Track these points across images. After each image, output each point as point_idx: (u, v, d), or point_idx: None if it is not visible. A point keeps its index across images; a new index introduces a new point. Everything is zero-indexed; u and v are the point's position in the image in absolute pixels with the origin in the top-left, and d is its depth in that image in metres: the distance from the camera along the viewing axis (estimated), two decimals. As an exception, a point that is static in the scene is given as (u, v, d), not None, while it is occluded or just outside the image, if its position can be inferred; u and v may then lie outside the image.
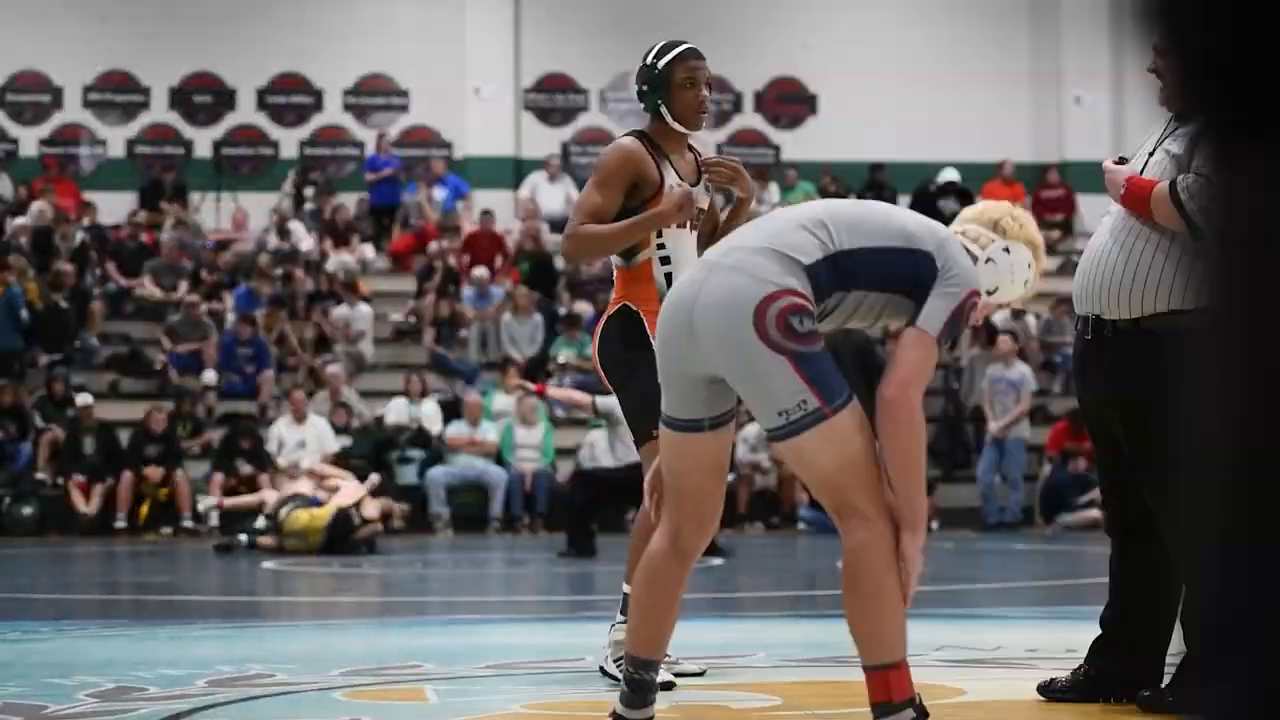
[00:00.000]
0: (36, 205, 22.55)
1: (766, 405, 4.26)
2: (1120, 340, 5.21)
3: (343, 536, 15.57)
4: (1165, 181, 5.14)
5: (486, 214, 23.72)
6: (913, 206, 23.98)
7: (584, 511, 15.00)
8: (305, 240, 23.45)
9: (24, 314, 20.38)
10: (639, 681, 4.48)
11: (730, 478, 6.35)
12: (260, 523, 16.09)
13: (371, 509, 15.81)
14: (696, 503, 4.47)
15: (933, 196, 24.47)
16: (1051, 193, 25.03)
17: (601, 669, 6.26)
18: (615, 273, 6.16)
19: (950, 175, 24.00)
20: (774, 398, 4.24)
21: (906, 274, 4.34)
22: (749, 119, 26.18)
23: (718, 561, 13.33)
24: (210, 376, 20.73)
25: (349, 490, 16.08)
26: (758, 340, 4.22)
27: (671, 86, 6.11)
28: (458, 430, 19.67)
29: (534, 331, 21.74)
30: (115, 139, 25.34)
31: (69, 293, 21.11)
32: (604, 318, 6.15)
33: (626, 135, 6.34)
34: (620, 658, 5.96)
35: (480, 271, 22.80)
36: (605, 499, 15.33)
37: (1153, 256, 5.15)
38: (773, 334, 4.22)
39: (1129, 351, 5.18)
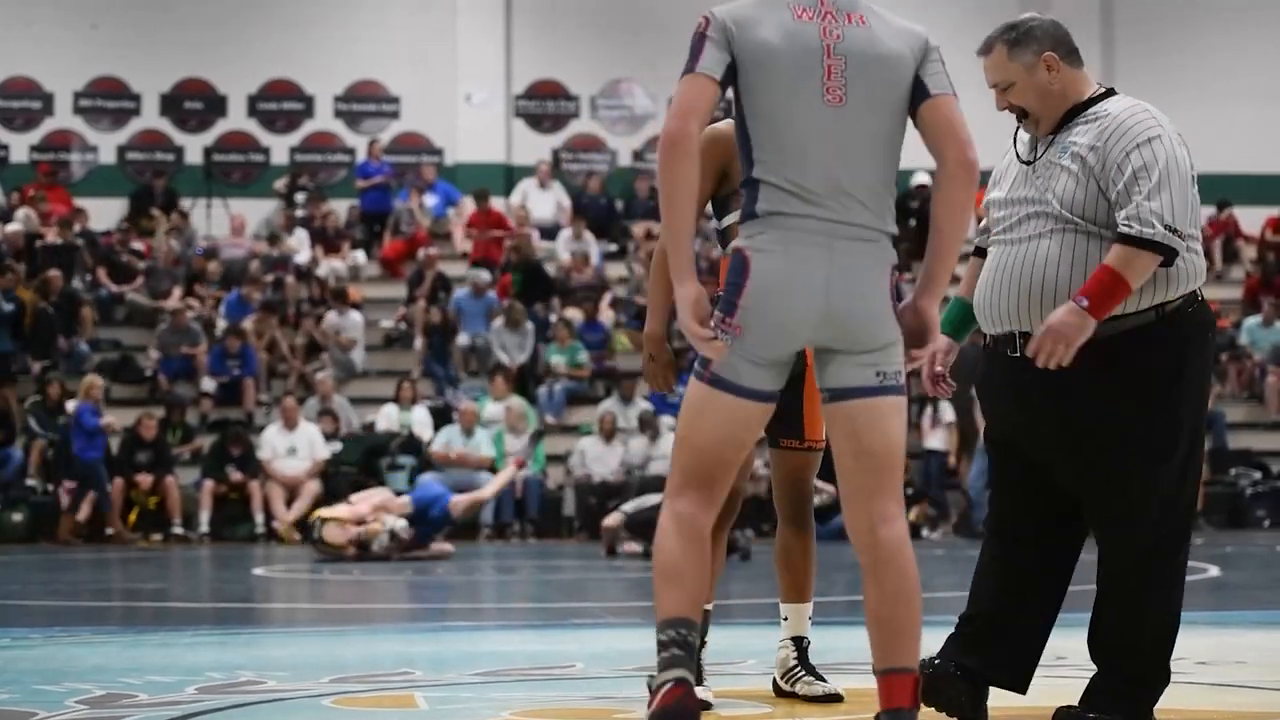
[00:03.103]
0: (22, 211, 22.55)
1: (870, 364, 4.30)
2: None
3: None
4: (1059, 208, 4.99)
5: (481, 195, 23.93)
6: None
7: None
8: (304, 248, 23.42)
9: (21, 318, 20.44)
10: (690, 643, 4.23)
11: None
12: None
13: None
14: (734, 475, 4.41)
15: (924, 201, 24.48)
16: (1042, 198, 25.05)
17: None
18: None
19: (922, 178, 23.93)
20: (881, 361, 4.29)
21: None
22: (740, 125, 26.18)
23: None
24: (208, 384, 20.73)
25: (341, 508, 15.99)
26: (893, 319, 4.31)
27: None
28: (448, 438, 19.62)
29: (524, 339, 21.73)
30: (106, 145, 25.31)
31: (57, 298, 21.09)
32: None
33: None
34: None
35: (480, 274, 22.75)
36: None
37: (1085, 263, 4.99)
38: (894, 308, 4.34)
39: (1074, 364, 4.96)
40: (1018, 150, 5.29)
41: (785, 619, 6.11)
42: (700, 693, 5.78)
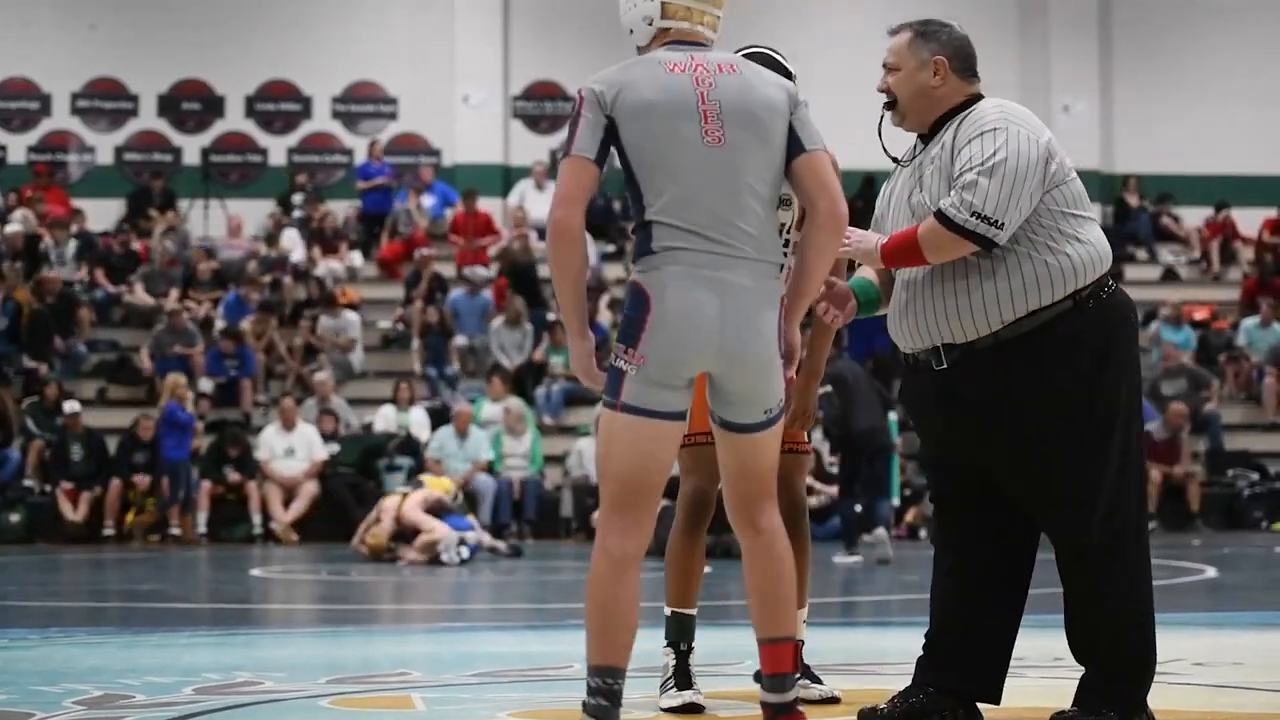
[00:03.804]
0: (20, 212, 22.55)
1: (759, 403, 4.66)
2: (986, 359, 5.04)
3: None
4: (928, 217, 5.01)
5: (468, 195, 23.96)
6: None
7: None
8: (297, 248, 23.40)
9: (10, 320, 20.47)
10: (616, 692, 4.54)
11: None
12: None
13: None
14: (658, 499, 4.70)
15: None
16: (1040, 201, 25.04)
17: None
18: None
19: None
20: (768, 399, 4.67)
21: None
22: (737, 127, 26.17)
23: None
24: (206, 385, 20.71)
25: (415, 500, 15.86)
26: (778, 355, 4.67)
27: None
28: (442, 440, 19.56)
29: (523, 339, 21.72)
30: (104, 146, 25.31)
31: (54, 299, 21.09)
32: None
33: None
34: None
35: (476, 270, 22.74)
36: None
37: (993, 267, 5.01)
38: (779, 346, 4.66)
39: (1000, 367, 5.02)
40: (885, 147, 5.33)
41: None
42: (690, 696, 5.80)
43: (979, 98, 5.24)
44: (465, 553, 15.25)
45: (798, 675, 4.70)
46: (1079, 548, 5.07)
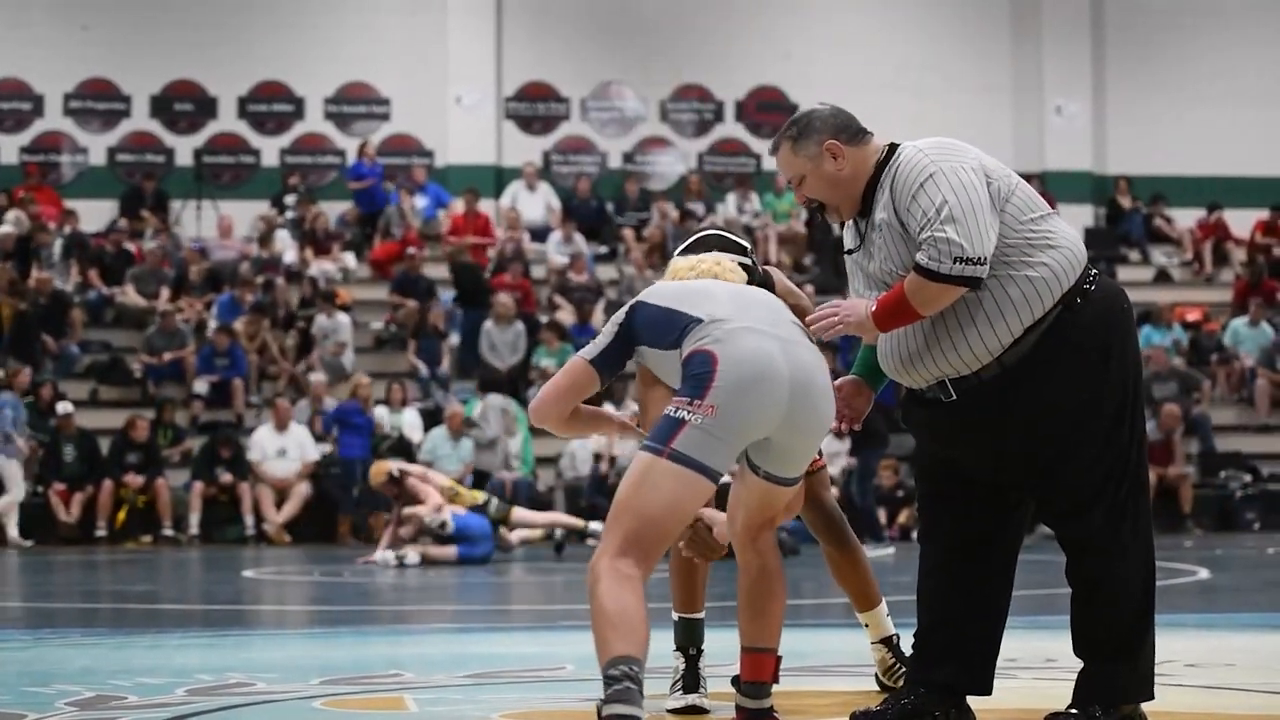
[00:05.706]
0: (12, 214, 22.53)
1: (808, 458, 4.96)
2: (994, 385, 5.04)
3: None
4: (906, 274, 4.98)
5: (470, 193, 23.98)
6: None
7: None
8: (289, 249, 23.39)
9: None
10: (640, 678, 4.52)
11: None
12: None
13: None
14: (666, 546, 4.78)
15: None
16: (1032, 202, 25.04)
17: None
18: None
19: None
20: (813, 453, 4.99)
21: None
22: (730, 128, 26.20)
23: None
24: (200, 386, 20.69)
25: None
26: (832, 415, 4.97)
27: None
28: (435, 442, 19.54)
29: (516, 340, 21.68)
30: (96, 147, 25.29)
31: (47, 300, 21.07)
32: None
33: None
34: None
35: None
36: None
37: (979, 298, 4.98)
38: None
39: (1008, 388, 5.02)
40: (846, 244, 5.31)
41: (865, 625, 6.21)
42: (694, 699, 5.81)
43: (890, 148, 5.17)
44: (449, 526, 15.24)
45: (774, 683, 5.08)
46: (1085, 544, 5.08)
